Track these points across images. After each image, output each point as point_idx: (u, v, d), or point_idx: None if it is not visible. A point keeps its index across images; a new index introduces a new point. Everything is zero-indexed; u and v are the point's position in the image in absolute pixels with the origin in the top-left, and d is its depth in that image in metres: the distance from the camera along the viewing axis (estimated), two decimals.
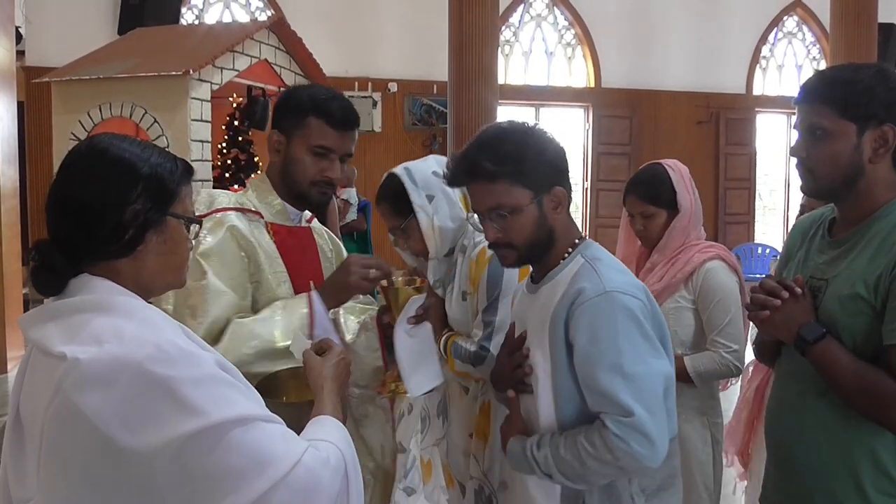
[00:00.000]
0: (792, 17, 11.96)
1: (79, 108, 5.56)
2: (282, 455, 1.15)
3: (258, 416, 1.17)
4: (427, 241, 2.22)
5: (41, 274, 1.20)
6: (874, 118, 1.62)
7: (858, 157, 1.64)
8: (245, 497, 1.10)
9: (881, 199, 1.66)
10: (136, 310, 1.19)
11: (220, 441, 1.10)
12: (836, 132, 1.64)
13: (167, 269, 1.29)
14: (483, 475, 2.28)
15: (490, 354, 2.12)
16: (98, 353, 1.10)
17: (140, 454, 1.08)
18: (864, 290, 1.60)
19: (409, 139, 10.31)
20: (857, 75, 1.65)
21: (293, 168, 1.97)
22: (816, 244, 1.80)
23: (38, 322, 1.19)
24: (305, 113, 1.94)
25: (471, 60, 7.82)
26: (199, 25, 9.20)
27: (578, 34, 11.16)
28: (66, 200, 1.21)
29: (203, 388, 1.12)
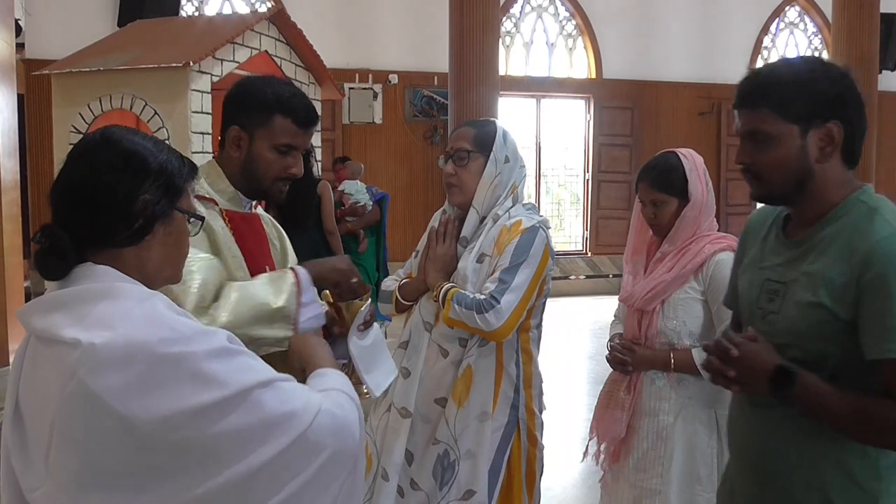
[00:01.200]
0: (794, 8, 11.93)
1: (79, 101, 5.54)
2: (303, 408, 1.22)
3: (275, 377, 1.22)
4: (479, 189, 2.40)
5: (47, 257, 1.21)
6: (817, 117, 1.56)
7: (805, 158, 1.57)
8: (273, 448, 1.16)
9: (835, 198, 1.60)
10: (143, 295, 1.20)
11: (245, 403, 1.15)
12: (779, 136, 1.58)
13: (168, 262, 1.31)
14: (454, 440, 2.34)
15: (499, 306, 2.23)
16: (113, 336, 1.11)
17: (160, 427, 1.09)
18: (828, 299, 1.53)
19: (410, 131, 10.29)
20: (794, 74, 1.58)
21: (256, 165, 1.95)
22: (771, 244, 1.73)
23: (41, 312, 1.19)
24: (271, 111, 1.92)
25: (472, 52, 7.81)
26: (199, 17, 9.18)
27: (579, 25, 11.13)
28: (79, 187, 1.23)
29: (221, 360, 1.16)
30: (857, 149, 1.61)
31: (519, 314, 2.28)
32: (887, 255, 1.48)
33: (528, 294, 2.30)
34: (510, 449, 2.38)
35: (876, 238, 1.51)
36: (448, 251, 2.42)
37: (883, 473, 1.54)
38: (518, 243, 2.30)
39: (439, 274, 2.40)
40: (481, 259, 2.36)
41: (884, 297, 1.47)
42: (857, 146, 1.60)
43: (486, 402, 2.35)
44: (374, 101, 10.10)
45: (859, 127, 1.59)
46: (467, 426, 2.34)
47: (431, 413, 2.39)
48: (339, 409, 1.29)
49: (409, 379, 2.42)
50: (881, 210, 1.56)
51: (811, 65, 1.59)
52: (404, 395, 2.42)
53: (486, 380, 2.36)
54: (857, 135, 1.59)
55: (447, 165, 2.42)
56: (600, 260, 11.19)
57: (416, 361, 2.42)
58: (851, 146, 1.59)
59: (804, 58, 1.63)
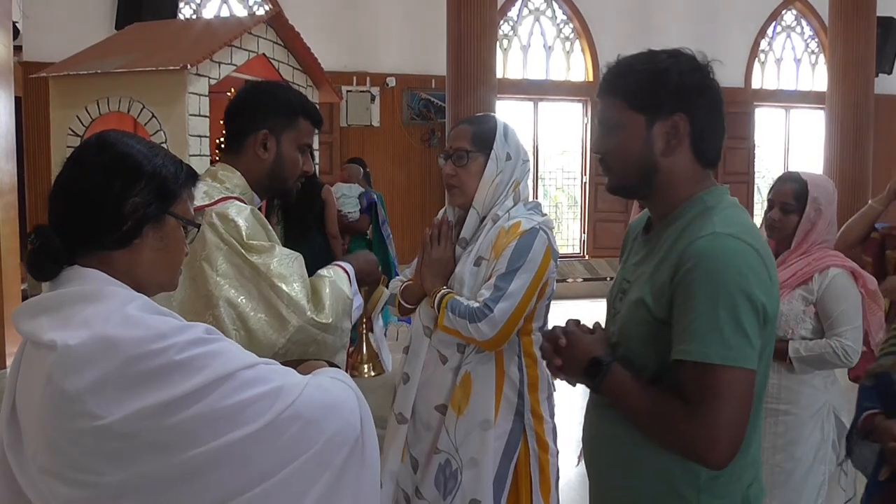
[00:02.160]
0: (790, 11, 11.95)
1: (76, 104, 5.55)
2: (290, 382, 1.21)
3: (258, 360, 1.22)
4: (479, 189, 2.33)
5: (37, 257, 1.22)
6: (664, 108, 1.51)
7: (650, 150, 1.53)
8: (260, 422, 1.15)
9: (682, 196, 1.56)
10: (127, 298, 1.20)
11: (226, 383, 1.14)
12: (625, 125, 1.54)
13: (161, 268, 1.31)
14: (455, 449, 2.28)
15: (492, 315, 2.16)
16: (88, 335, 1.12)
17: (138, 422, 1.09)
18: (649, 297, 1.50)
19: (408, 134, 10.29)
20: (645, 64, 1.54)
21: (285, 165, 2.06)
22: (635, 244, 1.71)
23: (29, 315, 1.20)
24: (296, 114, 2.05)
25: (469, 55, 7.82)
26: (197, 20, 9.18)
27: (577, 28, 11.15)
28: (69, 189, 1.24)
29: (200, 347, 1.16)
30: (710, 145, 1.56)
31: (515, 322, 2.21)
32: (697, 254, 1.43)
33: (526, 300, 2.22)
34: (517, 456, 2.31)
35: (694, 237, 1.47)
36: (444, 254, 2.36)
37: (702, 485, 1.50)
38: (516, 247, 2.22)
39: (436, 279, 2.34)
40: (479, 262, 2.30)
41: (686, 297, 1.43)
42: (708, 143, 1.55)
43: (488, 410, 2.29)
44: (371, 104, 10.10)
45: (709, 123, 1.54)
46: (469, 434, 2.28)
47: (433, 420, 2.33)
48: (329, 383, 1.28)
49: (408, 384, 2.38)
50: (714, 210, 1.52)
51: (667, 57, 1.55)
52: (402, 401, 2.38)
53: (486, 386, 2.29)
54: (708, 131, 1.54)
55: (447, 165, 2.37)
56: (598, 263, 11.19)
57: (416, 367, 2.37)
58: (701, 142, 1.54)
59: (668, 50, 1.57)
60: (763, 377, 1.54)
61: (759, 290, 1.41)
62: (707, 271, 1.41)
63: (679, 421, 1.43)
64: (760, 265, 1.44)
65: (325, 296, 1.94)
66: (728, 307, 1.38)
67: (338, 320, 1.93)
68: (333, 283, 1.98)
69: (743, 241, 1.44)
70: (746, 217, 1.55)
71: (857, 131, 8.83)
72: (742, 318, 1.39)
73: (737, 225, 1.48)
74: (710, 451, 1.40)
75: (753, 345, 1.41)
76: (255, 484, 1.14)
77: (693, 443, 1.42)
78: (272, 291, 1.85)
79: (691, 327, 1.41)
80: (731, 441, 1.40)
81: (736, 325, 1.39)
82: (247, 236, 1.89)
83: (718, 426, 1.39)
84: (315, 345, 1.90)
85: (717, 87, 1.56)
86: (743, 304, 1.39)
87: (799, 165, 11.52)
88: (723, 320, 1.38)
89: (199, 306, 1.84)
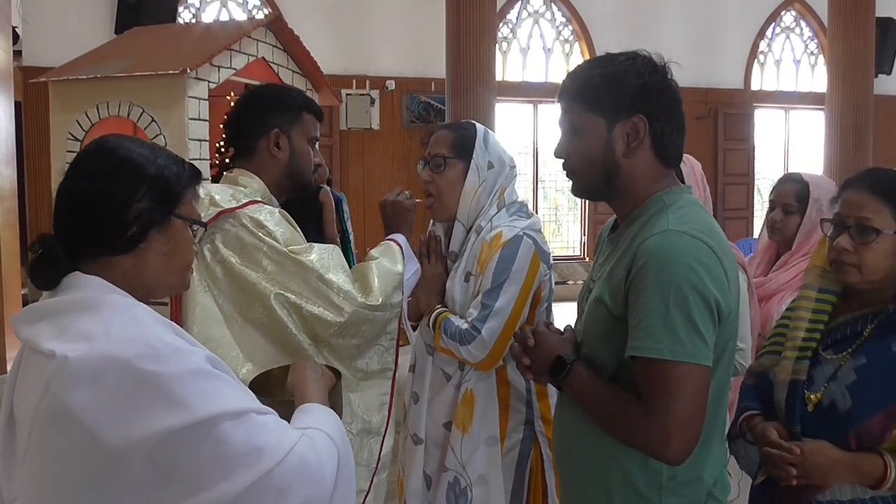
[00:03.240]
0: (790, 12, 11.95)
1: (76, 108, 5.54)
2: (274, 444, 1.16)
3: (250, 408, 1.18)
4: (462, 200, 2.27)
5: (39, 266, 1.22)
6: (623, 110, 1.53)
7: (611, 153, 1.55)
8: (236, 486, 1.11)
9: (643, 195, 1.57)
10: (126, 307, 1.20)
11: (210, 433, 1.11)
12: (586, 128, 1.57)
13: (169, 270, 1.30)
14: (462, 467, 2.24)
15: (480, 337, 2.11)
16: (87, 350, 1.11)
17: (126, 449, 1.08)
18: (607, 295, 1.52)
19: (408, 137, 10.30)
20: (604, 68, 1.56)
21: (301, 160, 2.15)
22: (603, 244, 1.73)
23: (28, 321, 1.20)
24: (300, 110, 2.15)
25: (468, 57, 7.82)
26: (197, 24, 9.18)
27: (576, 30, 11.15)
28: (72, 196, 1.24)
29: (193, 383, 1.13)
30: (671, 145, 1.57)
31: (506, 339, 2.12)
32: (649, 251, 1.44)
33: (515, 314, 2.14)
34: (529, 465, 2.25)
35: (648, 235, 1.48)
36: (436, 270, 2.31)
37: (663, 483, 1.51)
38: (499, 259, 2.14)
39: (430, 297, 2.29)
40: (467, 278, 2.24)
41: (638, 294, 1.44)
42: (668, 142, 1.56)
43: (493, 426, 2.23)
44: (371, 107, 10.11)
45: (668, 122, 1.55)
46: (475, 451, 2.23)
47: (441, 438, 2.30)
48: (313, 450, 1.21)
49: (418, 404, 2.34)
50: (670, 209, 1.53)
51: (625, 59, 1.56)
52: (415, 422, 2.34)
53: (490, 402, 2.23)
54: (667, 130, 1.55)
55: (424, 171, 2.33)
56: None
57: (423, 386, 2.33)
58: (661, 143, 1.55)
59: (625, 53, 1.59)
60: (726, 375, 1.55)
61: (712, 286, 1.42)
62: (657, 268, 1.42)
63: (634, 417, 1.44)
64: (714, 262, 1.44)
65: (372, 279, 2.05)
66: (678, 303, 1.39)
67: (387, 298, 2.06)
68: (380, 264, 2.11)
69: (695, 237, 1.45)
70: (704, 216, 1.56)
71: (857, 132, 8.83)
72: (693, 314, 1.39)
73: (691, 222, 1.49)
74: (665, 446, 1.41)
75: (706, 341, 1.41)
76: None
77: (648, 439, 1.43)
78: (321, 283, 1.96)
79: (643, 324, 1.42)
80: (685, 437, 1.41)
81: (687, 321, 1.39)
82: (282, 235, 1.98)
83: (671, 422, 1.40)
84: (367, 323, 2.04)
85: (676, 87, 1.57)
86: (694, 299, 1.40)
87: (799, 166, 11.54)
88: (673, 316, 1.39)
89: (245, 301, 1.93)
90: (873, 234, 1.67)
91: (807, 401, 1.69)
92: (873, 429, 1.60)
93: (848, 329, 1.72)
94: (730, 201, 11.46)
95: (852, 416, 1.62)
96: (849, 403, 1.63)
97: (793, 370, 1.73)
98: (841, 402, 1.64)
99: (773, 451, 1.66)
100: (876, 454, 1.61)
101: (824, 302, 1.78)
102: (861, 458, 1.61)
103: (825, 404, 1.66)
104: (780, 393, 1.74)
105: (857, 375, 1.64)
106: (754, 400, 1.85)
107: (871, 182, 1.72)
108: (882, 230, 1.67)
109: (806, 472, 1.62)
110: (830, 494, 1.67)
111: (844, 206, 1.72)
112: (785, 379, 1.74)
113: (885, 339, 1.66)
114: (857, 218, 1.69)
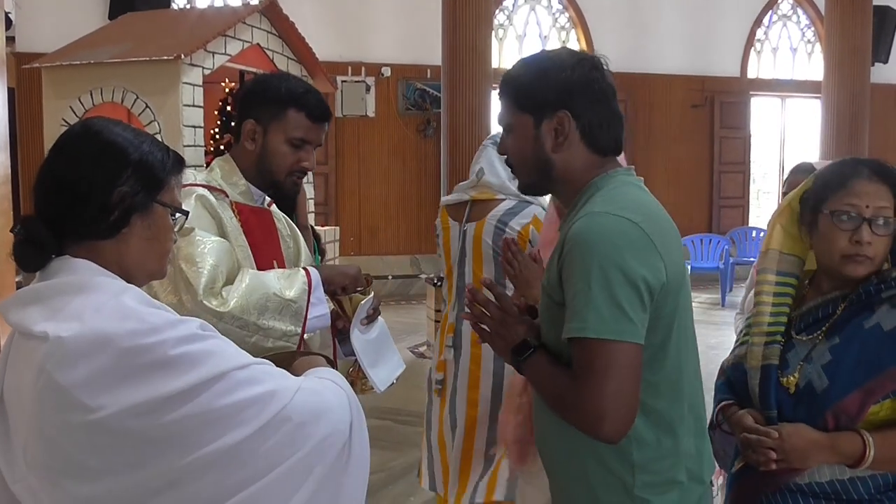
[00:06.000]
0: (786, 0, 11.93)
1: (70, 94, 5.52)
2: (283, 385, 1.20)
3: (252, 360, 1.20)
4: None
5: (24, 248, 1.21)
6: (547, 107, 1.57)
7: (541, 148, 1.59)
8: (253, 425, 1.14)
9: (582, 183, 1.60)
10: (117, 289, 1.19)
11: (218, 383, 1.13)
12: (517, 127, 1.61)
13: (149, 256, 1.29)
14: None
15: None
16: (80, 328, 1.11)
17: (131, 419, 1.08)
18: (547, 282, 1.56)
19: (403, 124, 10.27)
20: (529, 66, 1.61)
21: (271, 158, 2.01)
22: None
23: (18, 305, 1.19)
24: (285, 105, 1.98)
25: (464, 44, 7.78)
26: (191, 10, 9.13)
27: (572, 17, 11.12)
28: (56, 178, 1.23)
29: (193, 344, 1.14)
30: (602, 136, 1.59)
31: None
32: (573, 236, 1.47)
33: None
34: None
35: (577, 219, 1.51)
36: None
37: (634, 461, 1.51)
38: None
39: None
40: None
41: (567, 278, 1.47)
42: (599, 134, 1.58)
43: None
44: (366, 94, 10.06)
45: (596, 115, 1.58)
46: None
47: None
48: (321, 389, 1.26)
49: None
50: (600, 192, 1.56)
51: (548, 57, 1.62)
52: None
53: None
54: (595, 123, 1.58)
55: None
56: None
57: None
58: (591, 134, 1.58)
59: (552, 50, 1.65)
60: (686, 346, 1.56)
61: (637, 263, 1.43)
62: (580, 251, 1.44)
63: (569, 397, 1.46)
64: (641, 238, 1.45)
65: (235, 285, 1.82)
66: (600, 282, 1.41)
67: (243, 312, 1.78)
68: (256, 276, 1.86)
69: (619, 216, 1.47)
70: (635, 193, 1.58)
71: (853, 120, 8.82)
72: (616, 292, 1.41)
73: (616, 202, 1.51)
74: (598, 424, 1.43)
75: (632, 318, 1.41)
76: (245, 486, 1.13)
77: (582, 418, 1.45)
78: (178, 273, 1.78)
79: (571, 306, 1.45)
80: (617, 414, 1.42)
81: (610, 299, 1.40)
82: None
83: (602, 399, 1.41)
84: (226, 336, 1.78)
85: (602, 78, 1.60)
86: (616, 277, 1.41)
87: (795, 155, 11.53)
88: (596, 295, 1.41)
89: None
90: (892, 225, 1.67)
91: (786, 385, 1.69)
92: (849, 407, 1.61)
93: (819, 311, 1.73)
94: (725, 189, 11.46)
95: (829, 395, 1.63)
96: (825, 383, 1.64)
97: (763, 355, 1.73)
98: (817, 383, 1.65)
99: (752, 436, 1.67)
100: (854, 433, 1.62)
101: (785, 285, 1.78)
102: (839, 438, 1.62)
103: (801, 386, 1.67)
104: (753, 379, 1.74)
105: (831, 355, 1.65)
106: (727, 393, 1.86)
107: (880, 172, 1.70)
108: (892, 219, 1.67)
109: (785, 455, 1.63)
110: (809, 476, 1.68)
111: (859, 196, 1.68)
112: (756, 365, 1.74)
113: (857, 318, 1.66)
114: (877, 209, 1.66)
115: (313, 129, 2.02)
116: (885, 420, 1.63)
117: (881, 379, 1.60)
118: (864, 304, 1.67)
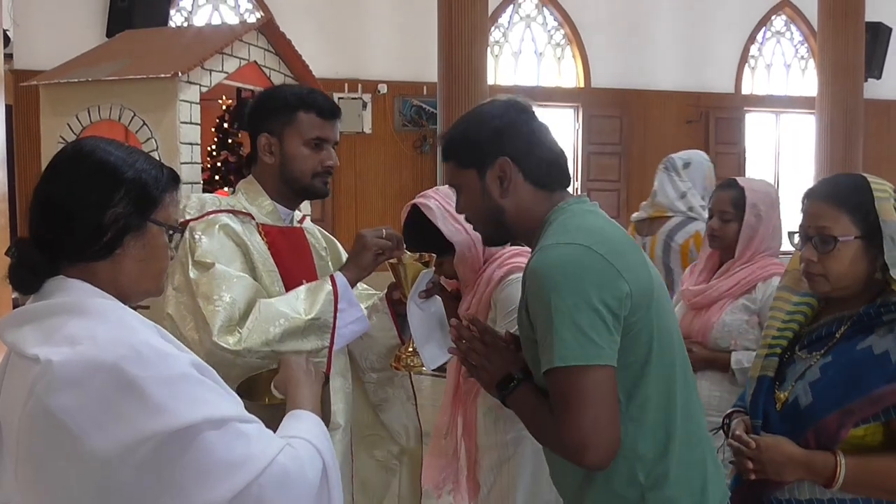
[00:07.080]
0: (780, 17, 12.00)
1: (67, 112, 5.54)
2: (257, 455, 1.14)
3: (232, 416, 1.16)
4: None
5: (18, 271, 1.21)
6: (486, 157, 1.60)
7: (489, 198, 1.62)
8: (218, 497, 1.10)
9: (535, 224, 1.63)
10: (111, 311, 1.19)
11: (192, 441, 1.10)
12: (464, 183, 1.65)
13: (145, 276, 1.28)
14: None
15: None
16: (71, 354, 1.10)
17: (110, 455, 1.08)
18: (521, 323, 1.58)
19: (400, 140, 10.30)
20: (460, 124, 1.68)
21: (293, 164, 2.00)
22: None
23: (13, 325, 1.19)
24: (293, 109, 1.98)
25: (460, 61, 7.83)
26: (188, 27, 9.17)
27: (568, 34, 11.17)
28: (48, 200, 1.22)
29: (176, 389, 1.12)
30: (545, 173, 1.63)
31: None
32: (529, 274, 1.50)
33: None
34: None
35: (533, 256, 1.54)
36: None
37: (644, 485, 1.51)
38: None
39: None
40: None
41: (534, 314, 1.49)
42: (541, 171, 1.62)
43: None
44: (363, 111, 10.10)
45: (533, 153, 1.61)
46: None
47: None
48: (296, 461, 1.19)
49: None
50: (550, 226, 1.59)
51: (477, 111, 1.68)
52: None
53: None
54: (534, 160, 1.61)
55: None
56: None
57: None
58: (533, 172, 1.61)
59: (481, 105, 1.70)
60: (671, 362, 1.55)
61: (594, 286, 1.44)
62: (537, 285, 1.47)
63: (552, 430, 1.49)
64: (596, 261, 1.46)
65: (250, 319, 1.81)
66: (560, 312, 1.42)
67: (255, 345, 1.78)
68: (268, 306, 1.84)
69: (569, 244, 1.49)
70: (588, 220, 1.59)
71: (848, 136, 8.87)
72: (577, 319, 1.41)
73: (567, 232, 1.53)
74: (582, 454, 1.44)
75: (597, 342, 1.42)
76: None
77: (566, 449, 1.47)
78: (197, 309, 1.80)
79: (541, 342, 1.46)
80: (599, 441, 1.43)
81: (572, 326, 1.41)
82: (200, 252, 1.86)
83: (580, 430, 1.42)
84: (237, 368, 1.77)
85: (531, 118, 1.64)
86: (574, 304, 1.42)
87: (789, 170, 11.58)
88: (558, 325, 1.42)
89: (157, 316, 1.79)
90: (833, 242, 1.67)
91: (776, 399, 1.73)
92: (829, 427, 1.62)
93: (823, 330, 1.75)
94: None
95: (811, 413, 1.65)
96: (809, 400, 1.66)
97: (762, 366, 1.78)
98: (803, 399, 1.67)
99: (734, 443, 1.71)
100: (829, 453, 1.63)
101: (805, 304, 1.81)
102: (814, 456, 1.63)
103: (790, 401, 1.70)
104: (750, 388, 1.80)
105: (820, 374, 1.67)
106: (742, 400, 1.90)
107: (828, 190, 1.74)
108: (840, 237, 1.67)
109: (762, 467, 1.65)
110: (789, 492, 1.69)
111: (805, 217, 1.75)
112: (754, 375, 1.79)
113: (852, 340, 1.68)
114: (817, 228, 1.70)
115: (326, 126, 2.01)
116: (870, 445, 1.64)
117: (861, 402, 1.60)
118: (865, 326, 1.67)
